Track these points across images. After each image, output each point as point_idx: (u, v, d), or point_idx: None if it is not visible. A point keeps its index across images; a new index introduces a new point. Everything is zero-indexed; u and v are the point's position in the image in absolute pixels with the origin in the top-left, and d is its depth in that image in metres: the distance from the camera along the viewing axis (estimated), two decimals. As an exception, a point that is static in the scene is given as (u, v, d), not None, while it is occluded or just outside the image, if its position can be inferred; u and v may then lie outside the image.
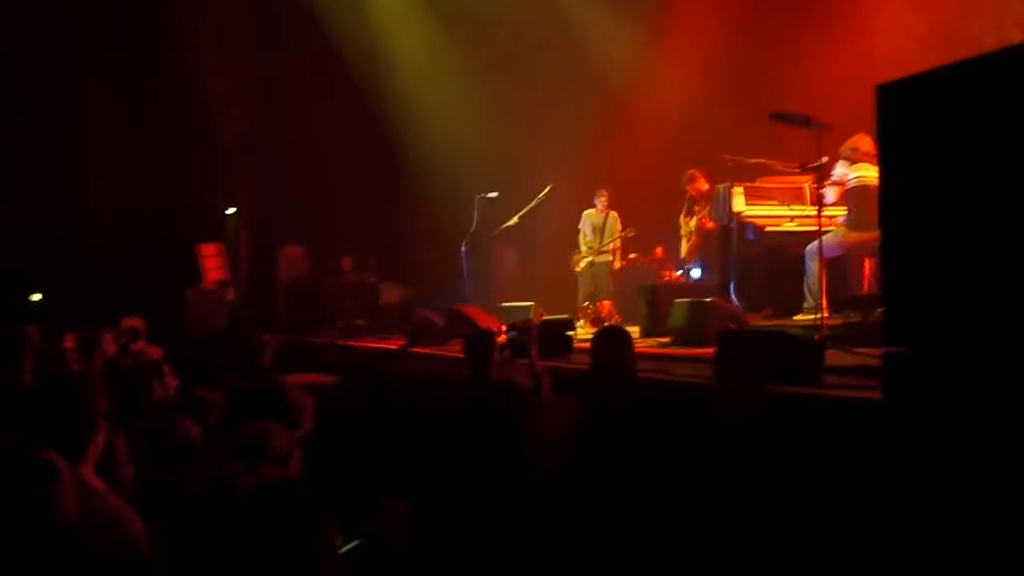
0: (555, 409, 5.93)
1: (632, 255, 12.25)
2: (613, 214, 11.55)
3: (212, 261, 14.77)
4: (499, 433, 5.72)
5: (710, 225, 10.08)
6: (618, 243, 11.50)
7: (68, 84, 14.13)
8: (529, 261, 12.12)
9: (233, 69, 14.06)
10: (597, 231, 11.53)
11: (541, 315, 11.03)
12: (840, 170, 8.22)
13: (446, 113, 13.70)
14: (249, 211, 15.36)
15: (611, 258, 11.57)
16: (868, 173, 7.81)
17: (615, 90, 12.79)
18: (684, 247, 10.66)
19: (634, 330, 9.68)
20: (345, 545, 3.77)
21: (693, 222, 10.45)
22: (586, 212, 11.67)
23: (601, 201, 11.55)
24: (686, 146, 10.66)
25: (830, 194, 8.30)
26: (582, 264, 11.60)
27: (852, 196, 8.09)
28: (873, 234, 7.87)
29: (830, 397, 4.49)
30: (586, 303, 11.12)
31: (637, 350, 7.27)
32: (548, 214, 11.40)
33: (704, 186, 10.27)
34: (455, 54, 13.81)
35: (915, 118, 3.17)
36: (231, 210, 15.74)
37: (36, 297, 15.74)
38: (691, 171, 10.36)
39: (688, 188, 10.42)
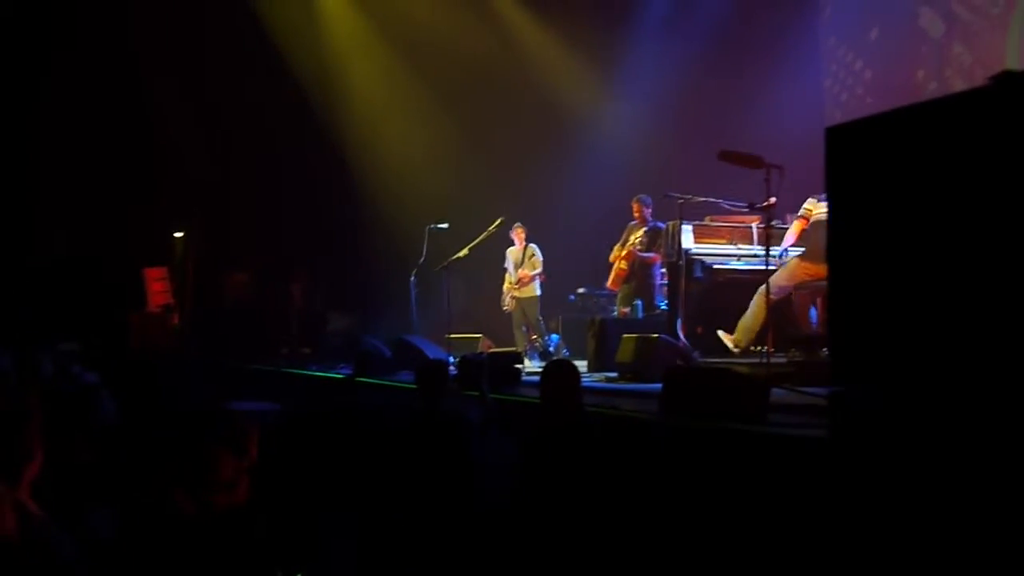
0: (502, 443, 5.93)
1: (580, 290, 12.31)
2: (531, 247, 11.55)
3: (158, 285, 14.58)
4: (449, 465, 5.70)
5: (634, 256, 10.12)
6: (530, 271, 11.49)
7: (19, 103, 13.94)
8: (477, 293, 12.11)
9: (185, 91, 13.96)
10: (518, 266, 11.56)
11: (488, 347, 11.04)
12: (808, 205, 8.30)
13: (399, 142, 13.74)
14: (197, 235, 15.18)
15: (536, 292, 11.57)
16: None
17: (568, 126, 12.92)
18: (612, 276, 10.59)
19: (581, 364, 9.75)
20: None
21: (625, 249, 10.35)
22: (508, 250, 11.67)
23: (518, 235, 11.54)
24: (636, 182, 10.73)
25: (791, 232, 8.43)
26: (506, 301, 11.62)
27: (816, 228, 8.09)
28: (823, 268, 8.03)
29: (774, 435, 4.53)
30: (534, 336, 11.14)
31: (584, 384, 7.30)
32: (498, 247, 11.43)
33: (645, 213, 10.25)
34: (410, 84, 13.85)
35: (862, 160, 3.23)
36: (179, 234, 15.57)
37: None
38: (644, 196, 10.31)
39: (634, 206, 10.34)
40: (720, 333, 8.55)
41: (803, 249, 8.25)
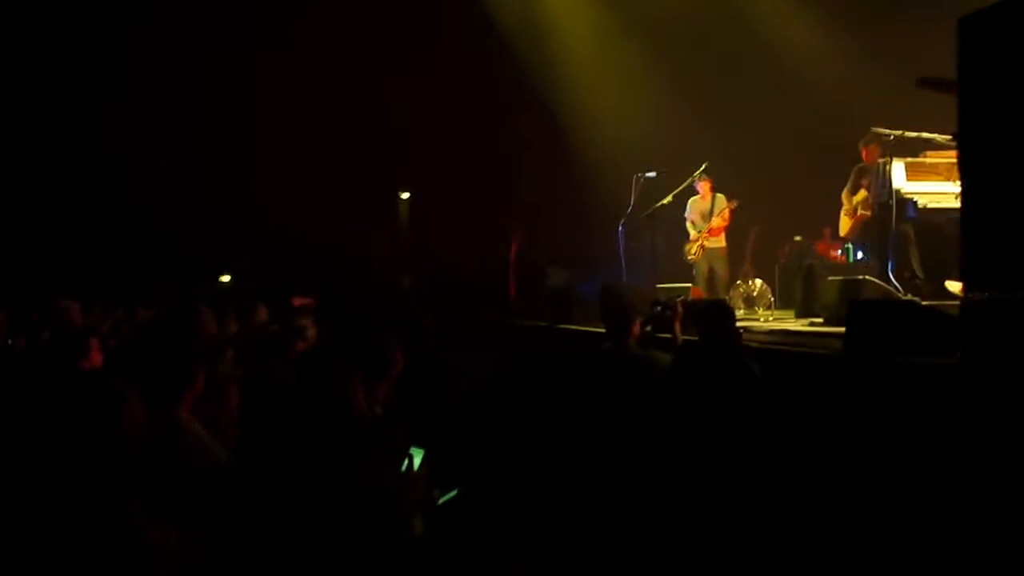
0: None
1: (797, 238, 11.95)
2: (719, 196, 11.23)
3: (384, 245, 15.29)
4: (634, 405, 5.73)
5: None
6: (724, 222, 11.20)
7: (251, 74, 14.84)
8: (685, 241, 11.93)
9: (404, 53, 14.46)
10: (705, 216, 11.25)
11: (699, 297, 10.92)
12: None
13: (607, 93, 13.67)
14: (420, 195, 15.79)
15: (723, 243, 11.31)
16: None
17: (775, 71, 12.46)
18: (844, 224, 10.12)
19: (788, 313, 9.52)
20: (444, 495, 3.89)
21: (859, 196, 9.86)
22: (691, 200, 11.36)
23: (703, 185, 11.23)
24: (845, 123, 10.23)
25: None
26: (694, 250, 11.33)
27: None
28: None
29: (963, 370, 4.31)
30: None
31: (786, 329, 7.18)
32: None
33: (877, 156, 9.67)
34: (618, 35, 13.73)
35: (999, 49, 2.98)
36: (405, 195, 16.24)
37: (225, 278, 16.69)
38: (873, 134, 9.42)
39: (863, 151, 9.84)
40: (948, 283, 8.03)
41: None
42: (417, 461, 3.36)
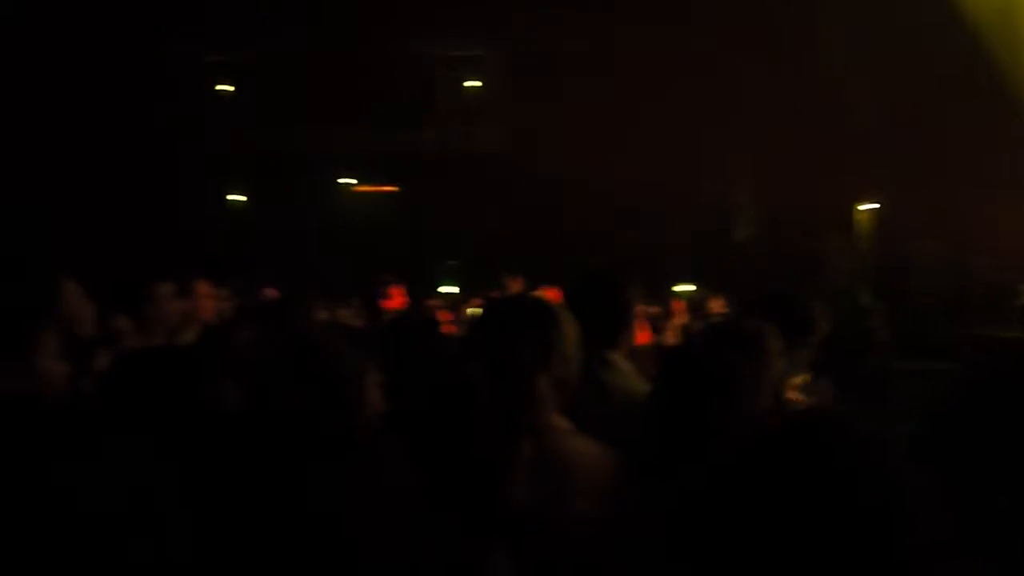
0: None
1: None
2: None
3: (836, 257, 15.06)
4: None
5: None
6: None
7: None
8: None
9: (866, 62, 14.15)
10: None
11: None
12: None
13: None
14: (883, 207, 15.26)
15: None
16: None
17: None
18: None
19: None
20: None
21: None
22: None
23: None
24: None
25: None
26: None
27: None
28: None
29: None
30: None
31: None
32: None
33: None
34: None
35: None
36: (867, 207, 15.76)
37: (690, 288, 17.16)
38: None
39: None
40: None
41: None
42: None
